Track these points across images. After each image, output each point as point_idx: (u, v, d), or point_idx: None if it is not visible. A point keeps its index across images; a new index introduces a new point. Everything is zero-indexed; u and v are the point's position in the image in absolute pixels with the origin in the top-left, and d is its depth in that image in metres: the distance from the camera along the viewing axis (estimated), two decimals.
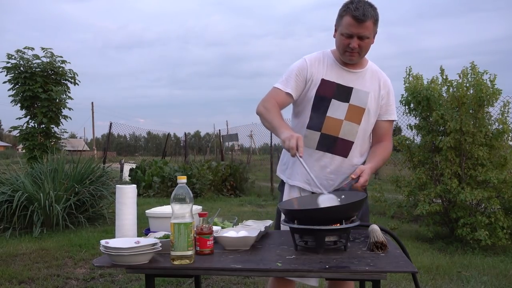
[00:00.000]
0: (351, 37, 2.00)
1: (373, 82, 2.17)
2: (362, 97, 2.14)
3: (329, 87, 2.13)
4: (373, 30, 2.02)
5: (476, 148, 4.87)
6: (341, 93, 2.13)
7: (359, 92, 2.14)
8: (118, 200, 1.82)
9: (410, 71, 5.47)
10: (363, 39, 2.01)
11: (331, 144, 2.13)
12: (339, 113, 2.12)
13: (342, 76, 2.14)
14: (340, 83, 2.13)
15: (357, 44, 2.01)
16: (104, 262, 1.60)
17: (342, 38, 2.03)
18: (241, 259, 1.60)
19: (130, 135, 47.58)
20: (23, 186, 5.85)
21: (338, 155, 2.14)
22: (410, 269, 1.49)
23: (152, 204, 7.42)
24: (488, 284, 3.64)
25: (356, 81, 2.15)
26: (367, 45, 2.05)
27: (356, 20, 1.96)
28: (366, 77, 2.17)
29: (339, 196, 1.91)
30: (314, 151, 2.14)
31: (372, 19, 1.98)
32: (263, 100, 2.16)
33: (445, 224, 5.36)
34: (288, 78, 2.16)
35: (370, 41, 2.05)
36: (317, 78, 2.14)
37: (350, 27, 1.98)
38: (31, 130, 8.13)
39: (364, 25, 1.97)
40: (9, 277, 3.80)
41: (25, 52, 8.08)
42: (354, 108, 2.13)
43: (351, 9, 1.96)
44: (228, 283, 3.71)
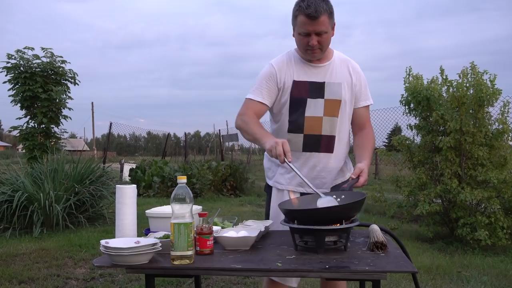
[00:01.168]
0: (308, 35, 1.99)
1: (343, 71, 2.16)
2: (336, 89, 2.13)
3: (302, 87, 2.11)
4: (329, 23, 1.99)
5: (476, 148, 4.87)
6: (315, 90, 2.11)
7: (331, 85, 2.12)
8: (118, 200, 1.82)
9: (410, 71, 5.47)
10: (321, 34, 1.98)
11: (316, 143, 2.13)
12: (317, 111, 2.11)
13: (312, 72, 2.13)
14: (312, 80, 2.12)
15: (316, 41, 1.99)
16: (104, 262, 1.60)
17: (300, 37, 2.02)
18: (241, 259, 1.60)
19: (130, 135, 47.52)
20: (23, 186, 5.85)
21: (324, 152, 2.14)
22: (410, 269, 1.49)
23: (152, 204, 7.41)
24: (488, 284, 3.64)
25: (326, 75, 2.13)
26: (326, 40, 2.02)
27: (309, 18, 1.94)
28: (335, 68, 2.15)
29: (339, 196, 1.91)
30: (301, 154, 2.13)
31: (326, 13, 1.95)
32: (239, 114, 2.15)
33: (445, 224, 5.36)
34: (258, 87, 2.14)
35: (329, 35, 2.03)
36: (289, 81, 2.12)
37: (305, 26, 1.97)
38: (31, 130, 8.13)
39: (319, 21, 1.94)
40: (9, 277, 3.80)
41: (25, 52, 8.09)
42: (330, 102, 2.12)
43: (303, 8, 1.94)
44: (228, 283, 3.71)
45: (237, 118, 2.15)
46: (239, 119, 2.14)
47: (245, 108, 2.14)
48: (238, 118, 2.14)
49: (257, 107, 2.13)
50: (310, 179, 2.06)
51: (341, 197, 1.90)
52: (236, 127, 2.18)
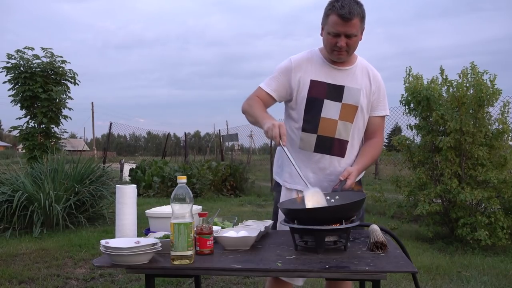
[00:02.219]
0: (338, 36, 1.97)
1: (363, 78, 2.14)
2: (354, 95, 2.11)
3: (320, 88, 2.10)
4: (360, 27, 1.98)
5: (476, 148, 4.87)
6: (333, 93, 2.10)
7: (351, 89, 2.11)
8: (118, 200, 1.82)
9: (410, 71, 5.47)
10: (350, 37, 1.97)
11: (329, 146, 2.12)
12: (333, 113, 2.10)
13: (332, 74, 2.11)
14: (331, 82, 2.10)
15: (345, 43, 1.97)
16: (104, 262, 1.60)
17: (329, 37, 2.00)
18: (241, 259, 1.60)
19: (130, 135, 47.52)
20: (23, 186, 5.85)
21: (335, 156, 2.12)
22: (410, 269, 1.49)
23: (152, 204, 7.42)
24: (488, 284, 3.64)
25: (346, 79, 2.11)
26: (354, 43, 2.01)
27: (342, 19, 1.92)
28: (357, 74, 2.13)
29: (333, 197, 1.91)
30: (312, 154, 2.12)
31: (359, 17, 1.94)
32: (247, 99, 2.18)
33: (445, 224, 5.36)
34: (272, 78, 2.16)
35: (358, 39, 2.01)
36: (306, 79, 2.11)
37: (336, 26, 1.95)
38: (31, 130, 8.12)
39: (351, 23, 1.93)
40: (9, 277, 3.80)
41: (25, 52, 8.08)
42: (347, 107, 2.11)
43: (337, 8, 1.92)
44: (228, 283, 3.71)
45: (244, 103, 2.18)
46: (245, 103, 2.16)
47: (253, 94, 2.17)
48: (245, 102, 2.17)
49: (264, 96, 2.15)
50: (318, 180, 2.07)
51: (335, 198, 1.90)
52: (242, 111, 2.18)
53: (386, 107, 2.22)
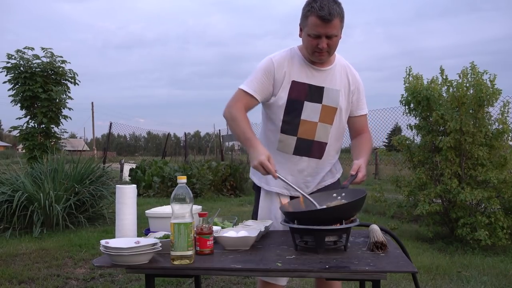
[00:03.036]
0: (319, 38, 1.92)
1: (343, 78, 2.11)
2: (334, 96, 2.08)
3: (301, 89, 2.05)
4: (340, 27, 1.93)
5: (476, 148, 4.87)
6: (314, 94, 2.06)
7: (330, 91, 2.07)
8: (118, 200, 1.82)
9: (410, 71, 5.47)
10: (331, 38, 1.92)
11: (308, 148, 2.10)
12: (313, 115, 2.07)
13: (313, 75, 2.06)
14: (312, 84, 2.06)
15: (326, 44, 1.92)
16: (104, 262, 1.60)
17: (309, 39, 1.94)
18: (241, 259, 1.60)
19: (130, 135, 47.59)
20: (23, 186, 5.85)
21: (313, 158, 2.12)
22: (410, 269, 1.49)
23: (152, 204, 7.42)
24: (488, 284, 3.64)
25: (326, 80, 2.07)
26: (335, 43, 1.96)
27: (322, 20, 1.86)
28: (336, 74, 2.09)
29: (340, 194, 1.92)
30: (291, 156, 2.11)
31: (339, 17, 1.89)
32: (228, 106, 2.07)
33: (445, 224, 5.36)
34: (253, 79, 2.06)
35: (338, 38, 1.96)
36: (287, 79, 2.04)
37: (316, 28, 1.89)
38: (31, 130, 8.12)
39: (331, 24, 1.87)
40: (9, 277, 3.80)
41: (25, 52, 8.08)
42: (326, 109, 2.08)
43: (316, 9, 1.86)
44: (228, 283, 3.71)
45: (226, 109, 2.07)
46: (227, 111, 2.06)
47: (235, 100, 2.07)
48: (227, 110, 2.06)
49: (247, 99, 2.06)
50: (296, 182, 2.06)
51: (342, 195, 1.90)
52: (223, 116, 2.11)
53: (365, 106, 2.22)
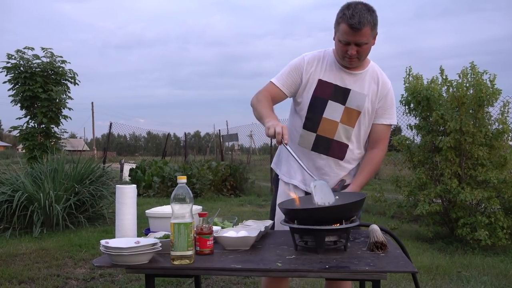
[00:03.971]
0: (348, 44, 1.97)
1: (372, 84, 2.13)
2: (359, 100, 2.11)
3: (327, 88, 2.11)
4: (371, 35, 1.97)
5: (476, 148, 4.87)
6: (338, 95, 2.11)
7: (356, 94, 2.11)
8: (118, 200, 1.82)
9: (410, 71, 5.47)
10: (361, 45, 1.96)
11: (326, 146, 2.13)
12: (335, 115, 2.11)
13: (341, 77, 2.11)
14: (338, 84, 2.11)
15: (355, 51, 1.97)
16: (104, 262, 1.60)
17: (340, 44, 2.00)
18: (241, 259, 1.60)
19: (130, 135, 47.53)
20: (23, 186, 5.85)
21: (333, 157, 2.14)
22: (410, 269, 1.49)
23: (152, 204, 7.41)
24: (488, 284, 3.64)
25: (354, 83, 2.11)
26: (365, 50, 2.01)
27: (352, 29, 1.91)
28: (365, 79, 2.13)
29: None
30: (309, 152, 2.15)
31: (370, 25, 1.92)
32: (257, 93, 2.18)
33: (445, 224, 5.36)
34: (283, 74, 2.17)
35: (369, 45, 2.01)
36: (314, 78, 2.12)
37: (346, 35, 1.94)
38: (31, 130, 8.12)
39: (361, 32, 1.91)
40: (9, 277, 3.80)
41: (25, 52, 8.08)
42: (349, 111, 2.11)
43: (347, 16, 1.91)
44: (228, 283, 3.71)
45: (254, 97, 2.15)
46: (254, 97, 2.15)
47: (264, 89, 2.16)
48: (254, 97, 2.15)
49: (275, 91, 2.14)
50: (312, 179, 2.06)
51: (335, 198, 1.90)
52: (250, 104, 2.17)
53: (393, 116, 2.18)
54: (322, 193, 1.86)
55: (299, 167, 2.06)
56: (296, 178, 2.20)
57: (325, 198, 1.84)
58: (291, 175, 2.22)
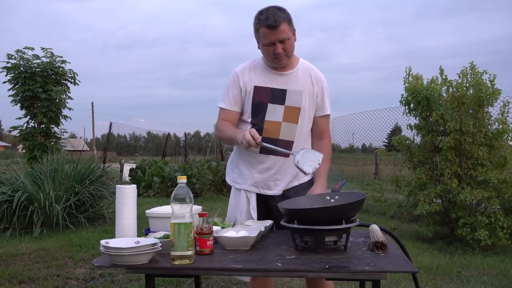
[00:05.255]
0: (273, 44, 2.08)
1: (305, 80, 2.24)
2: (297, 97, 2.21)
3: (264, 93, 2.21)
4: (290, 30, 2.09)
5: (476, 148, 4.87)
6: (276, 96, 2.21)
7: (292, 92, 2.21)
8: (118, 200, 1.82)
9: (410, 71, 5.47)
10: (284, 41, 2.08)
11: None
12: (277, 116, 2.21)
13: (275, 79, 2.22)
14: (274, 87, 2.21)
15: (281, 48, 2.08)
16: (104, 262, 1.60)
17: (265, 48, 2.11)
18: (241, 259, 1.61)
19: (130, 135, 47.53)
20: (23, 186, 5.85)
21: (280, 156, 2.22)
22: (410, 269, 1.49)
23: (152, 204, 7.41)
24: (488, 284, 3.64)
25: (288, 83, 2.22)
26: (290, 46, 2.12)
27: (270, 28, 2.04)
28: (298, 77, 2.23)
29: (333, 197, 1.95)
30: (257, 155, 2.24)
31: (285, 21, 2.06)
32: (215, 126, 2.32)
33: (445, 224, 5.36)
34: (226, 95, 2.27)
35: (292, 40, 2.13)
36: (250, 86, 2.23)
37: (268, 36, 2.06)
38: (31, 130, 8.12)
39: (280, 29, 2.04)
40: (9, 277, 3.80)
41: (25, 52, 8.08)
42: (290, 109, 2.21)
43: (263, 20, 2.05)
44: (228, 283, 3.71)
45: (216, 131, 2.33)
46: (216, 131, 2.31)
47: (219, 120, 2.29)
48: (216, 131, 2.33)
49: (228, 114, 2.26)
50: (264, 180, 2.23)
51: (335, 198, 1.92)
52: (218, 139, 2.34)
53: (327, 106, 2.31)
54: (309, 160, 1.97)
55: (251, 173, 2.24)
56: (246, 183, 2.29)
57: (313, 164, 1.97)
58: (243, 181, 2.31)
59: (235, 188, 2.35)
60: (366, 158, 15.33)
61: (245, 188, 2.29)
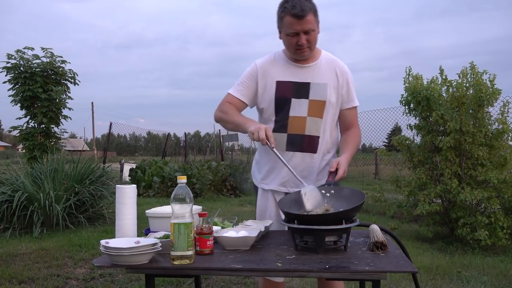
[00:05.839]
0: (297, 35, 2.01)
1: (329, 72, 2.16)
2: (321, 90, 2.13)
3: (286, 87, 2.13)
4: (315, 21, 2.02)
5: (476, 148, 4.87)
6: (299, 90, 2.13)
7: (316, 85, 2.13)
8: (118, 200, 1.82)
9: (410, 71, 5.47)
10: (308, 33, 2.01)
11: (299, 143, 2.15)
12: (302, 111, 2.13)
13: (297, 73, 2.14)
14: (296, 81, 2.13)
15: (305, 40, 2.01)
16: (104, 262, 1.60)
17: (288, 38, 2.04)
18: (241, 259, 1.60)
19: (130, 135, 47.61)
20: (23, 186, 5.85)
21: (307, 152, 2.15)
22: (410, 269, 1.49)
23: (152, 204, 7.41)
24: (488, 284, 3.64)
25: (311, 75, 2.14)
26: (314, 38, 2.04)
27: (296, 18, 1.95)
28: (322, 69, 2.16)
29: (328, 191, 1.93)
30: (284, 153, 2.14)
31: (312, 11, 1.98)
32: (218, 106, 2.20)
33: (445, 224, 5.36)
34: (240, 84, 2.19)
35: (316, 33, 2.05)
36: (271, 81, 2.15)
37: (293, 26, 1.98)
38: (31, 130, 8.12)
39: (306, 19, 1.96)
40: (9, 277, 3.80)
41: (25, 52, 8.08)
42: (315, 103, 2.13)
43: (289, 8, 1.96)
44: (228, 283, 3.71)
45: (216, 111, 2.21)
46: (217, 111, 2.19)
47: (224, 100, 2.20)
48: (217, 110, 2.19)
49: (235, 102, 2.18)
50: (293, 178, 2.11)
51: (331, 192, 1.91)
52: (215, 120, 2.22)
53: (354, 98, 2.23)
54: (313, 199, 1.86)
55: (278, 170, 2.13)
56: (274, 183, 2.21)
57: (316, 204, 1.85)
58: (269, 181, 2.23)
59: (262, 190, 2.27)
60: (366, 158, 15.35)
61: (273, 189, 2.22)
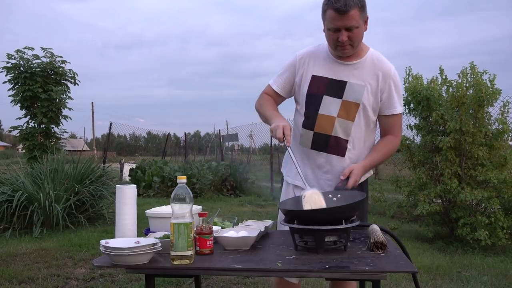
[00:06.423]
0: (338, 31, 1.88)
1: (371, 74, 2.01)
2: (357, 91, 1.99)
3: (321, 83, 2.03)
4: (360, 17, 1.86)
5: (476, 148, 4.87)
6: (334, 88, 2.01)
7: (353, 86, 2.00)
8: (118, 200, 1.82)
9: (410, 71, 5.47)
10: (351, 30, 1.87)
11: (325, 143, 2.05)
12: (332, 110, 2.01)
13: (335, 69, 2.02)
14: (332, 78, 2.02)
15: (347, 37, 1.88)
16: (104, 262, 1.60)
17: (329, 33, 1.92)
18: (241, 259, 1.60)
19: (130, 135, 47.54)
20: (23, 186, 5.85)
21: (333, 154, 2.05)
22: (410, 269, 1.49)
23: (152, 204, 7.41)
24: (488, 284, 3.64)
25: (350, 74, 2.01)
26: (357, 35, 1.90)
27: (338, 13, 1.83)
28: (364, 68, 2.01)
29: (335, 195, 1.90)
30: (309, 151, 2.09)
31: (357, 7, 1.83)
32: (259, 96, 2.22)
33: (445, 224, 5.36)
34: (279, 75, 2.17)
35: (361, 29, 1.91)
36: (308, 74, 2.06)
37: (334, 21, 1.86)
38: (31, 130, 8.13)
39: (349, 15, 1.82)
40: (9, 277, 3.80)
41: (25, 52, 8.09)
42: (347, 104, 2.00)
43: (332, 2, 1.84)
44: (228, 283, 3.71)
45: (256, 102, 2.22)
46: (257, 102, 2.21)
47: (264, 92, 2.21)
48: (257, 102, 2.22)
49: (272, 93, 2.18)
50: (315, 178, 2.06)
51: (338, 196, 1.89)
52: (255, 109, 2.22)
53: (397, 105, 2.06)
54: (312, 202, 1.79)
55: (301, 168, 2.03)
56: (298, 179, 2.12)
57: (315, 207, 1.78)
58: (294, 176, 2.17)
59: (287, 182, 2.21)
60: None
61: (296, 184, 2.12)
